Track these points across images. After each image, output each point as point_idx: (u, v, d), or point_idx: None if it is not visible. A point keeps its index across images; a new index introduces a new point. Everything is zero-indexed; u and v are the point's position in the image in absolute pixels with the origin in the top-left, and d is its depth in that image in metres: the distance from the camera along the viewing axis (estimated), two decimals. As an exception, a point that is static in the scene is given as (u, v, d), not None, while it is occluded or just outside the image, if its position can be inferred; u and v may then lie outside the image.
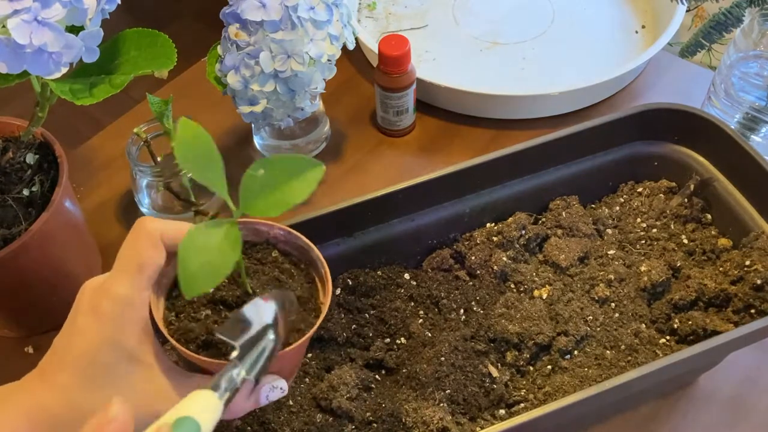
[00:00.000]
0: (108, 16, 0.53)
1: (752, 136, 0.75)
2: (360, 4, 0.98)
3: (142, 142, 0.70)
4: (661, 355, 0.60)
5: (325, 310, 0.41)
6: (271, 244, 0.44)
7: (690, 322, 0.60)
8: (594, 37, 0.93)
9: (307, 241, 0.43)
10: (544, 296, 0.64)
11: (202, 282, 0.33)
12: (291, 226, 0.60)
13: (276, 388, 0.41)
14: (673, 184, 0.69)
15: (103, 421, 0.32)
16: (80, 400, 0.38)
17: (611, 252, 0.66)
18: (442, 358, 0.59)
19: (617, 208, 0.70)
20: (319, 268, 0.43)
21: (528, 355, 0.61)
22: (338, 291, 0.64)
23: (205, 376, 0.40)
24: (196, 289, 0.33)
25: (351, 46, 0.71)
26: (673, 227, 0.67)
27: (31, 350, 0.69)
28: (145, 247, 0.38)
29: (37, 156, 0.64)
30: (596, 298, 0.63)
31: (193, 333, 0.39)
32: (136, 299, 0.38)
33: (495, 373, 0.60)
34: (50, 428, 0.38)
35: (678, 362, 0.51)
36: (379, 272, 0.65)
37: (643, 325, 0.62)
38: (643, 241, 0.67)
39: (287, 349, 0.39)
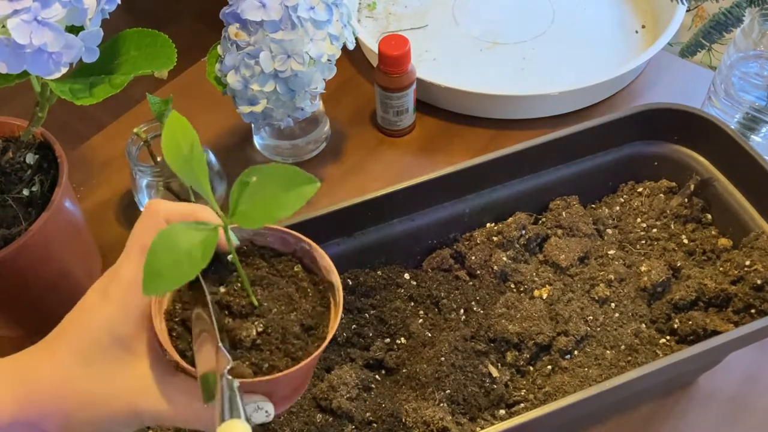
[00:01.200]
0: (108, 16, 0.53)
1: (752, 136, 0.75)
2: (360, 4, 0.98)
3: (142, 142, 0.70)
4: (661, 355, 0.60)
5: (328, 338, 0.39)
6: (297, 258, 0.42)
7: (690, 322, 0.60)
8: (594, 37, 0.93)
9: (330, 263, 0.41)
10: (544, 296, 0.64)
11: (164, 283, 0.32)
12: (290, 226, 0.60)
13: (261, 410, 0.39)
14: (673, 184, 0.69)
15: None
16: (72, 376, 0.38)
17: (611, 252, 0.66)
18: (442, 358, 0.59)
19: (617, 208, 0.70)
20: (336, 293, 0.41)
21: (528, 355, 0.61)
22: (338, 291, 0.64)
23: (188, 378, 0.39)
24: (156, 289, 0.32)
25: (351, 46, 0.71)
26: (673, 227, 0.67)
27: (31, 350, 0.69)
28: (148, 229, 0.38)
29: (37, 156, 0.64)
30: (596, 298, 0.63)
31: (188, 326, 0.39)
32: (136, 285, 0.37)
33: (495, 373, 0.60)
34: (42, 398, 0.38)
35: (678, 362, 0.51)
36: (379, 272, 0.65)
37: (643, 325, 0.62)
38: (643, 241, 0.67)
39: (278, 375, 0.37)
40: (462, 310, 0.64)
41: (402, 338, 0.63)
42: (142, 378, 0.38)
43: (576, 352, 0.61)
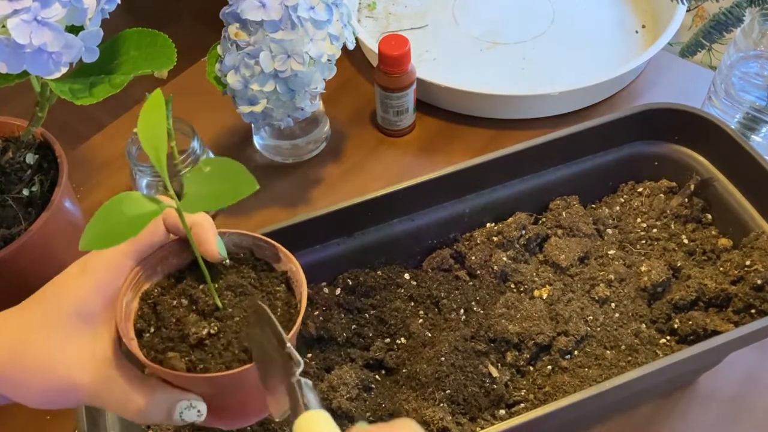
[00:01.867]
0: (108, 16, 0.53)
1: (752, 136, 0.75)
2: (360, 3, 0.98)
3: (142, 142, 0.70)
4: (661, 355, 0.60)
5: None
6: (285, 278, 0.42)
7: (690, 322, 0.60)
8: (594, 37, 0.93)
9: (305, 292, 0.41)
10: (545, 296, 0.64)
11: (99, 241, 0.33)
12: (291, 226, 0.60)
13: (193, 408, 0.39)
14: (674, 184, 0.69)
15: None
16: (30, 340, 0.39)
17: (611, 252, 0.66)
18: (442, 358, 0.59)
19: (617, 208, 0.70)
20: (297, 320, 0.40)
21: (528, 355, 0.61)
22: (338, 291, 0.64)
23: (135, 369, 0.40)
24: (89, 244, 0.33)
25: (351, 46, 0.71)
26: (673, 227, 0.67)
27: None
28: None
29: (36, 156, 0.64)
30: (596, 298, 0.63)
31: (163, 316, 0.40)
32: (117, 264, 0.39)
33: (495, 373, 0.60)
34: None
35: (678, 362, 0.51)
36: (379, 272, 0.65)
37: (644, 325, 0.62)
38: (644, 241, 0.67)
39: (198, 375, 0.38)
40: (462, 310, 0.64)
41: (402, 338, 0.63)
42: (90, 353, 0.39)
43: (576, 352, 0.61)
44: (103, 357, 0.39)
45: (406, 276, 0.66)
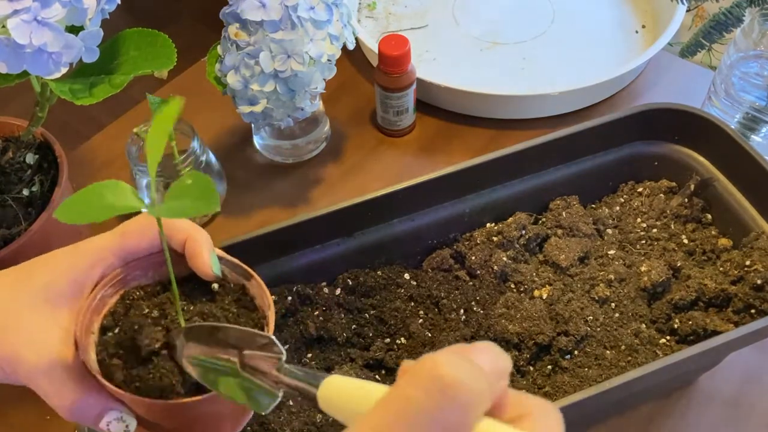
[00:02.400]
0: (108, 16, 0.53)
1: (752, 136, 0.75)
2: (360, 3, 0.98)
3: (142, 142, 0.70)
4: (661, 355, 0.60)
5: (205, 396, 0.37)
6: (263, 323, 0.40)
7: (690, 322, 0.60)
8: (594, 37, 0.93)
9: (272, 327, 0.39)
10: (545, 296, 0.64)
11: (74, 216, 0.34)
12: (291, 226, 0.60)
13: (122, 422, 0.38)
14: (674, 184, 0.69)
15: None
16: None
17: (611, 252, 0.66)
18: (442, 358, 0.59)
19: (617, 208, 0.70)
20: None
21: (528, 355, 0.61)
22: (338, 291, 0.64)
23: (82, 366, 0.39)
24: (65, 216, 0.34)
25: (351, 46, 0.71)
26: (673, 227, 0.67)
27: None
28: (139, 222, 0.41)
29: (36, 156, 0.64)
30: (596, 298, 0.63)
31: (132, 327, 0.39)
32: (99, 255, 0.40)
33: (495, 373, 0.60)
34: None
35: (678, 362, 0.51)
36: (379, 272, 0.65)
37: (644, 325, 0.62)
38: (644, 241, 0.67)
39: (127, 394, 0.36)
40: (462, 310, 0.64)
41: (402, 338, 0.63)
42: (45, 334, 0.38)
43: (576, 352, 0.61)
44: (55, 341, 0.38)
45: (406, 276, 0.66)
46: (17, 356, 0.38)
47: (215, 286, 0.40)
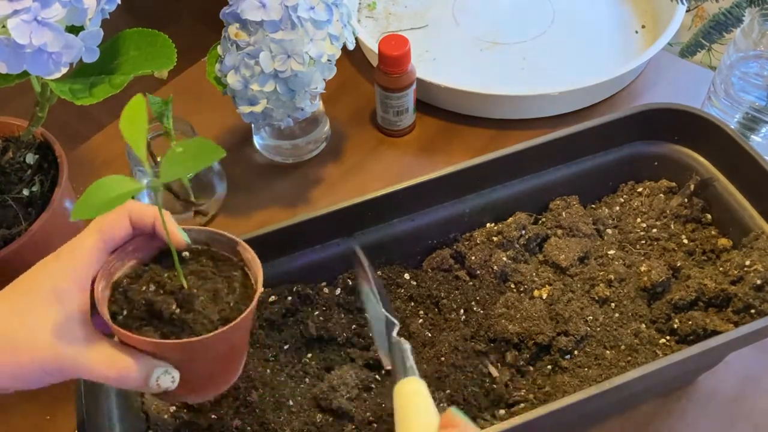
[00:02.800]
0: (108, 16, 0.53)
1: (752, 136, 0.75)
2: (360, 3, 0.98)
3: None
4: (661, 355, 0.60)
5: (233, 323, 0.43)
6: (240, 266, 0.47)
7: (690, 322, 0.60)
8: (594, 37, 0.93)
9: (260, 273, 0.45)
10: (544, 296, 0.64)
11: (89, 212, 0.38)
12: (291, 226, 0.60)
13: (168, 374, 0.43)
14: (673, 184, 0.69)
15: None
16: (11, 320, 0.42)
17: (611, 252, 0.66)
18: (443, 358, 0.59)
19: (617, 208, 0.70)
20: (255, 294, 0.45)
21: (528, 355, 0.61)
22: (338, 291, 0.64)
23: (112, 341, 0.43)
24: (82, 214, 0.38)
25: (351, 46, 0.71)
26: (673, 227, 0.67)
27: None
28: (110, 217, 0.44)
29: (37, 156, 0.64)
30: (596, 298, 0.63)
31: (133, 297, 0.43)
32: (86, 253, 0.43)
33: (495, 373, 0.60)
34: None
35: (678, 362, 0.51)
36: (379, 272, 0.65)
37: (643, 325, 0.62)
38: (643, 241, 0.67)
39: (177, 342, 0.42)
40: (462, 310, 0.64)
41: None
42: (69, 328, 0.41)
43: (576, 352, 0.61)
44: (83, 331, 0.42)
45: (406, 276, 0.66)
46: (57, 357, 0.41)
47: (186, 254, 0.46)
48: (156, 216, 0.44)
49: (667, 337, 0.61)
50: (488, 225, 0.68)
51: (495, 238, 0.66)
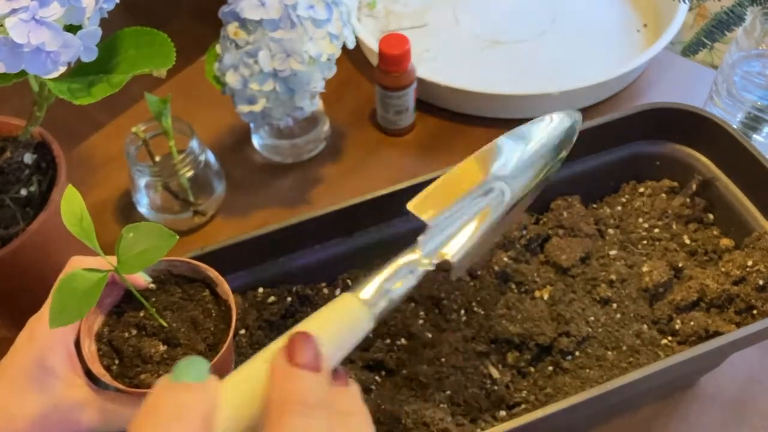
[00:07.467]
0: (106, 15, 0.53)
1: (754, 136, 0.75)
2: (360, 2, 0.98)
3: (141, 142, 0.70)
4: (662, 356, 0.60)
5: (222, 349, 0.44)
6: (206, 284, 0.48)
7: (692, 323, 0.60)
8: (595, 37, 0.93)
9: (228, 289, 0.47)
10: (546, 297, 0.63)
11: (66, 317, 0.40)
12: (291, 226, 0.60)
13: None
14: (675, 183, 0.69)
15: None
16: (7, 403, 0.43)
17: (613, 252, 0.66)
18: (443, 359, 0.59)
19: (619, 207, 0.69)
20: (231, 317, 0.46)
21: (529, 356, 0.61)
22: (338, 291, 0.64)
23: (111, 390, 0.45)
24: (60, 322, 0.39)
25: (351, 45, 0.70)
26: (675, 227, 0.67)
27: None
28: None
29: (35, 156, 0.63)
30: (598, 299, 0.63)
31: (120, 345, 0.45)
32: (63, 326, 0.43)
33: (496, 374, 0.59)
34: None
35: (680, 363, 0.51)
36: (379, 272, 0.65)
37: (645, 326, 0.62)
38: (645, 242, 0.67)
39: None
40: (463, 311, 0.63)
41: (402, 339, 0.62)
42: (79, 395, 0.44)
43: (577, 353, 0.60)
44: (92, 394, 0.44)
45: (407, 276, 0.65)
46: (78, 425, 0.43)
47: (152, 285, 0.47)
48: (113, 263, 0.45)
49: (669, 338, 0.61)
50: (489, 225, 0.67)
51: (495, 239, 0.66)
